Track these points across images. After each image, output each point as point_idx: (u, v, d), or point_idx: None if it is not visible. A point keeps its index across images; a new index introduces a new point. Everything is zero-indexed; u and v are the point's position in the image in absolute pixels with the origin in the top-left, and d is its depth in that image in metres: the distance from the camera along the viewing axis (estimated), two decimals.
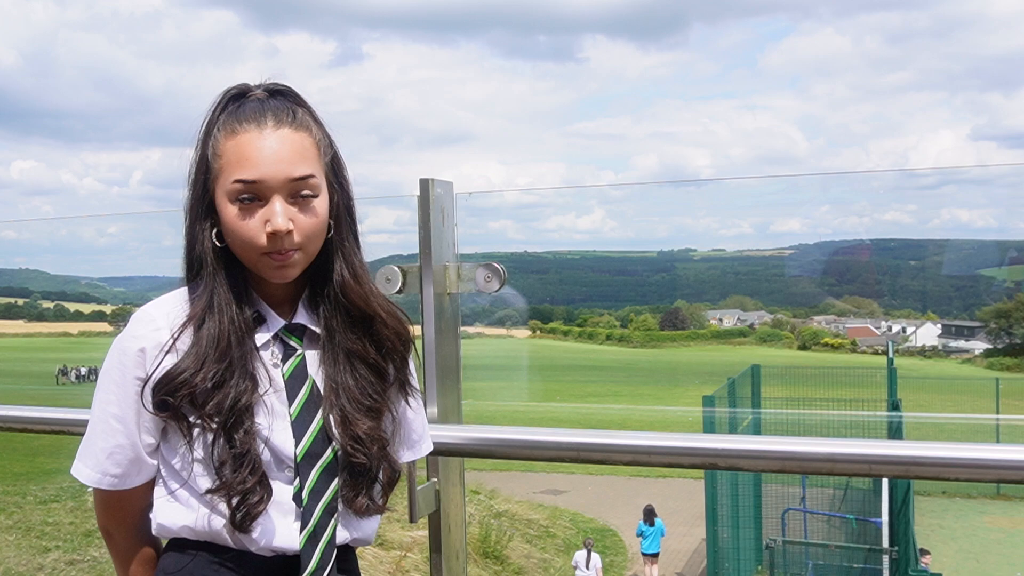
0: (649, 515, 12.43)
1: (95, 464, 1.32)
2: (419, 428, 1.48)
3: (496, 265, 1.76)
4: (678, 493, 16.78)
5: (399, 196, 2.00)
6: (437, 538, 1.80)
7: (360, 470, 1.32)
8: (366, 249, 1.41)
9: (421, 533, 8.26)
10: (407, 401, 1.42)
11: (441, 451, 1.71)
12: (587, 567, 11.32)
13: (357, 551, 1.47)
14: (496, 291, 1.77)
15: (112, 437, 1.31)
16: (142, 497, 1.37)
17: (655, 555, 12.29)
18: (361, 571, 1.46)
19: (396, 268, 1.78)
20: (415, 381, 1.45)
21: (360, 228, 1.40)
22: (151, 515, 1.36)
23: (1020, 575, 12.37)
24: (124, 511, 1.38)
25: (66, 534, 8.42)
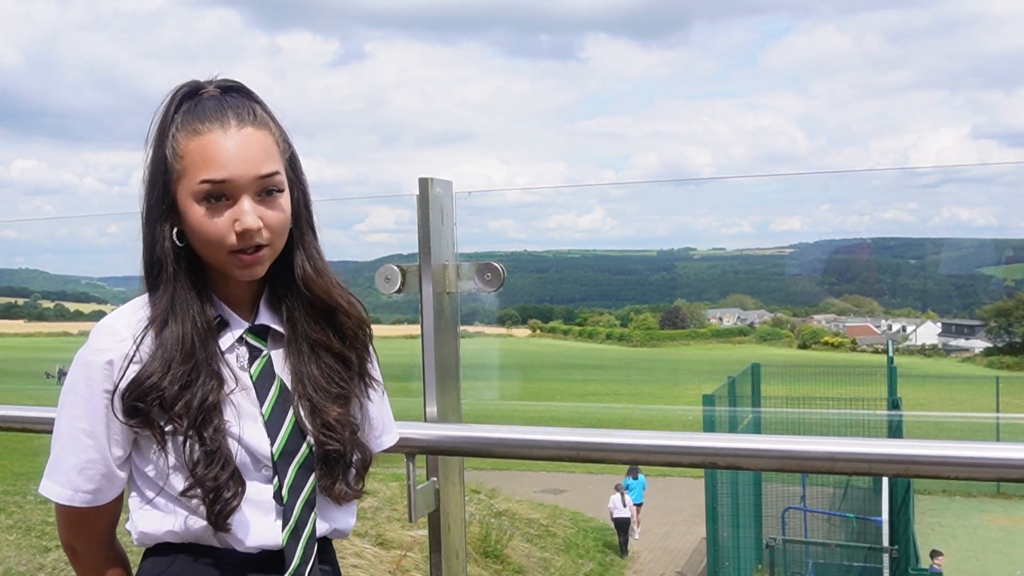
0: (633, 470, 14.39)
1: (66, 481, 1.31)
2: (378, 424, 1.48)
3: (495, 264, 1.76)
4: (678, 492, 16.78)
5: (399, 195, 1.99)
6: (437, 537, 1.80)
7: (335, 457, 1.33)
8: (366, 248, 1.42)
9: (421, 532, 8.25)
10: (367, 392, 1.43)
11: (441, 450, 1.71)
12: (624, 507, 13.43)
13: (357, 550, 1.47)
14: (495, 291, 1.77)
15: (83, 452, 1.30)
16: (109, 512, 1.37)
17: (639, 505, 14.45)
18: (361, 570, 1.47)
19: (395, 267, 1.78)
20: (376, 373, 1.46)
21: (360, 227, 1.41)
22: (129, 526, 1.35)
23: (1020, 574, 12.37)
24: (91, 527, 1.38)
25: None
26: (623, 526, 13.56)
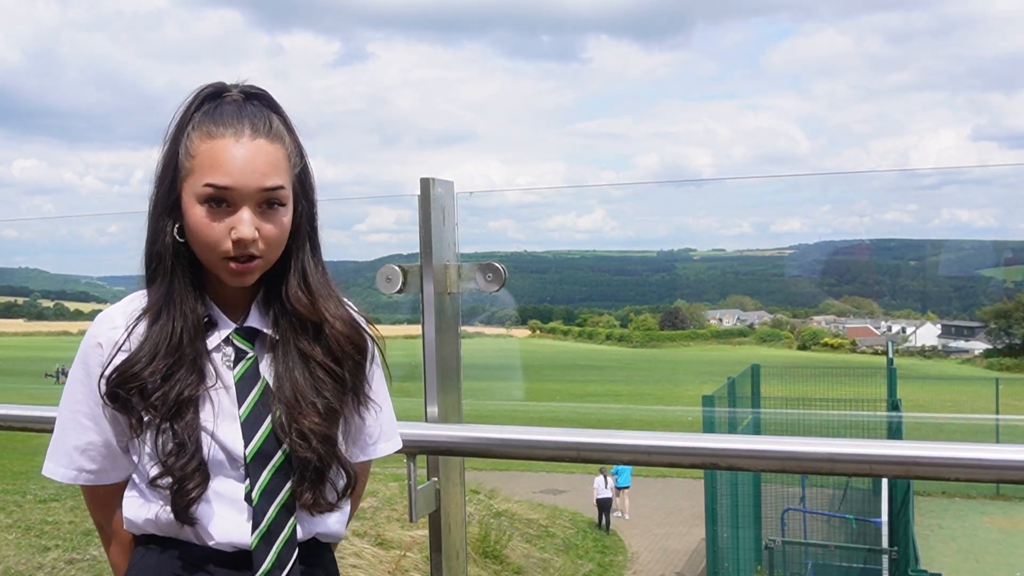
0: None
1: (68, 462, 1.36)
2: (375, 432, 1.48)
3: (496, 265, 1.77)
4: (678, 493, 16.79)
5: (400, 196, 2.00)
6: (437, 537, 1.80)
7: (307, 465, 1.32)
8: (366, 248, 1.42)
9: (421, 532, 8.26)
10: (358, 411, 1.41)
11: (441, 451, 1.71)
12: (606, 488, 14.88)
13: (357, 550, 1.47)
14: (495, 291, 1.77)
15: (84, 434, 1.35)
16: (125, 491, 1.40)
17: (626, 488, 15.99)
18: (360, 571, 1.47)
19: (396, 267, 1.78)
20: (374, 393, 1.44)
21: (360, 227, 1.41)
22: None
23: (1020, 575, 12.37)
24: (111, 505, 1.42)
25: (66, 533, 8.41)
26: (605, 506, 15.02)
